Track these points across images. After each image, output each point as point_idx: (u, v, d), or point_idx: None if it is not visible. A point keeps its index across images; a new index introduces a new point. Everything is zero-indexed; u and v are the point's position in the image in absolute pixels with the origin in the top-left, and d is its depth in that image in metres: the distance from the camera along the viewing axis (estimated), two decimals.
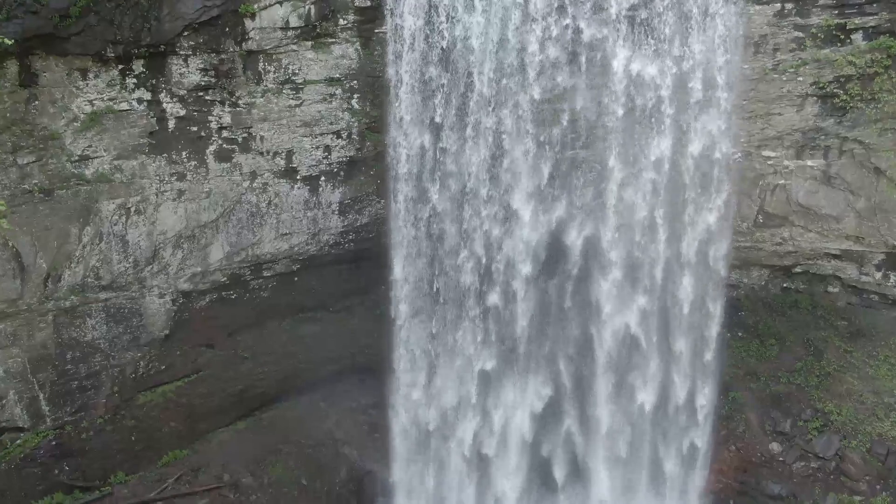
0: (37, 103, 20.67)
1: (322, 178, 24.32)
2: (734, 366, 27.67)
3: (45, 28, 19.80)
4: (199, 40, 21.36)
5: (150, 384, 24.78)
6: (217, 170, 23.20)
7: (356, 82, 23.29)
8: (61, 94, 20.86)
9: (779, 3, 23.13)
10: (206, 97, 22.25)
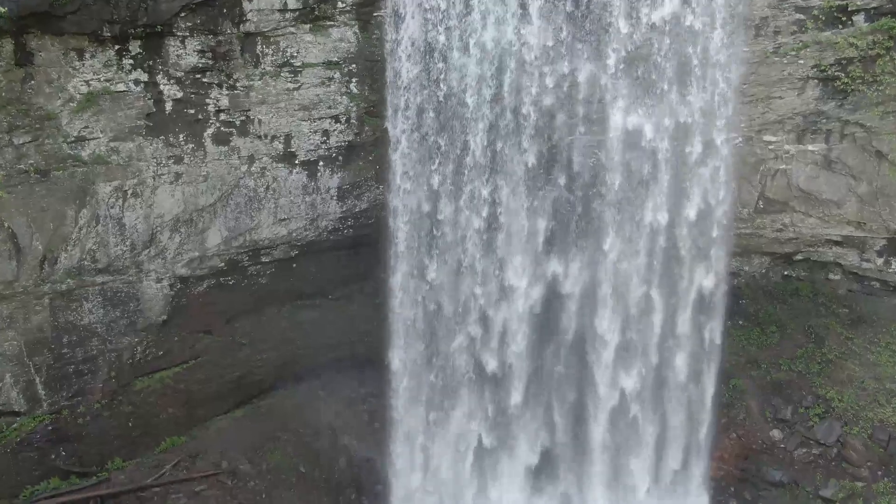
0: (33, 83, 20.50)
1: (320, 162, 24.16)
2: (735, 354, 27.53)
3: (41, 6, 19.60)
4: (196, 21, 21.19)
5: (147, 370, 24.62)
6: (215, 153, 23.04)
7: (355, 66, 23.14)
8: (57, 74, 20.68)
9: None
10: (204, 79, 22.08)
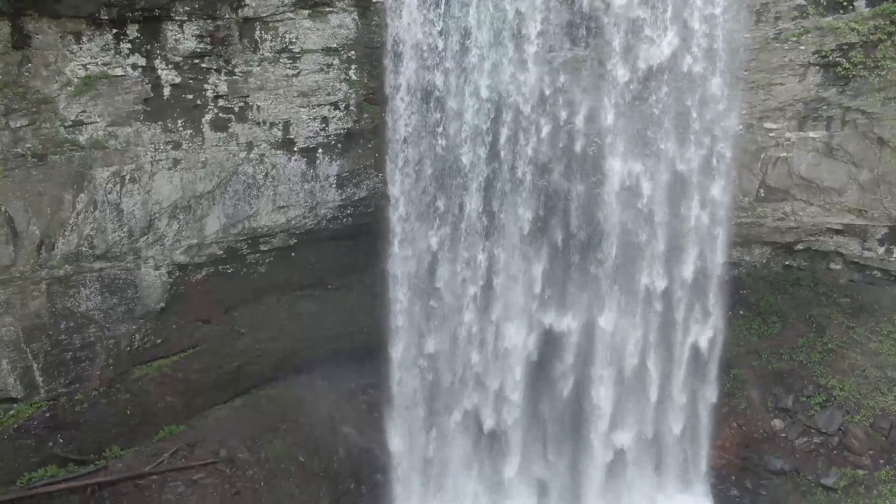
0: (30, 66, 20.36)
1: (319, 150, 24.04)
2: (736, 344, 27.51)
3: None
4: (194, 5, 21.05)
5: (145, 358, 24.46)
6: (213, 139, 22.90)
7: (354, 53, 23.04)
8: (54, 58, 20.53)
9: None
10: (202, 65, 21.93)
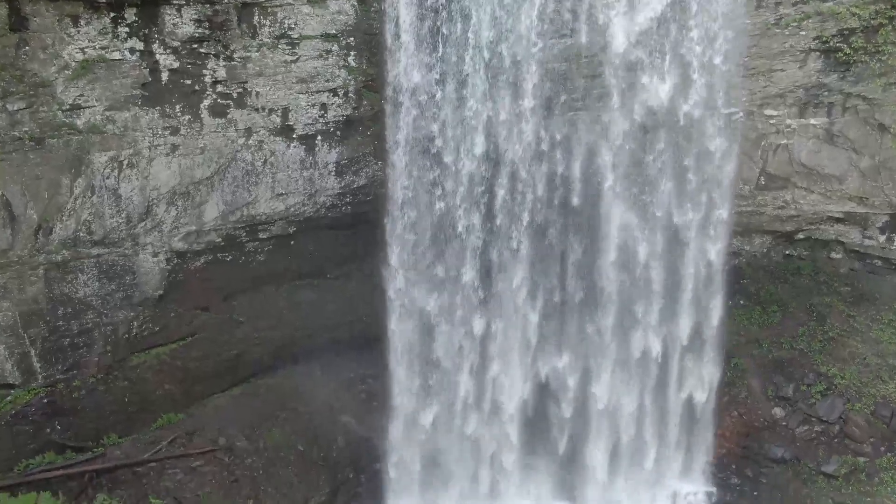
0: (27, 48, 20.25)
1: (318, 137, 23.94)
2: (736, 333, 27.43)
3: None
4: None
5: (143, 345, 24.40)
6: (211, 125, 22.79)
7: (353, 39, 22.94)
8: (52, 41, 20.42)
9: None
10: (201, 50, 21.82)
